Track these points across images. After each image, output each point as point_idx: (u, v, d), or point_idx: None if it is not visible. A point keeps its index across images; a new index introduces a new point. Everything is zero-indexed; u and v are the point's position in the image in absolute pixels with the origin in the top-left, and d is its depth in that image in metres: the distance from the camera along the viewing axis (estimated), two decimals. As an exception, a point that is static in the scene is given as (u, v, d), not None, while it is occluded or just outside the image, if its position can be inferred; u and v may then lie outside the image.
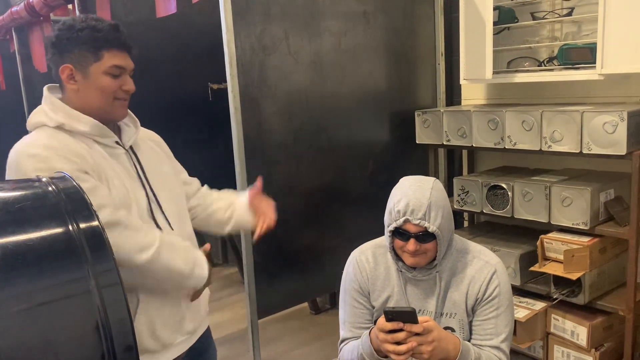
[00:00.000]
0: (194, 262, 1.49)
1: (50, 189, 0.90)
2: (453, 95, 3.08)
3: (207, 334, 1.72)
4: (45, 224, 0.84)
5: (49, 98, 1.45)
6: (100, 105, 1.43)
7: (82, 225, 0.85)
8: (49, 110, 1.43)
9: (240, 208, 1.76)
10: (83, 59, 1.40)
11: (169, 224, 1.52)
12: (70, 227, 0.84)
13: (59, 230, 0.84)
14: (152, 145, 1.62)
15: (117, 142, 1.47)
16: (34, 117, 1.45)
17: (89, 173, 1.36)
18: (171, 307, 1.51)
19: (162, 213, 1.51)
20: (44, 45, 1.43)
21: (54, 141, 1.37)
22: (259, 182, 1.78)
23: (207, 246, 1.57)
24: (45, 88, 1.48)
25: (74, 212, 0.86)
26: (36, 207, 0.87)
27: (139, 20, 2.89)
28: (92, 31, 1.39)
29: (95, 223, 0.86)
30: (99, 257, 0.83)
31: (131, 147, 1.51)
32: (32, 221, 0.84)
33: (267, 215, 1.74)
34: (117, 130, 1.51)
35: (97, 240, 0.84)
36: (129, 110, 1.54)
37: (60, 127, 1.40)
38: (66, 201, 0.87)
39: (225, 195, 1.80)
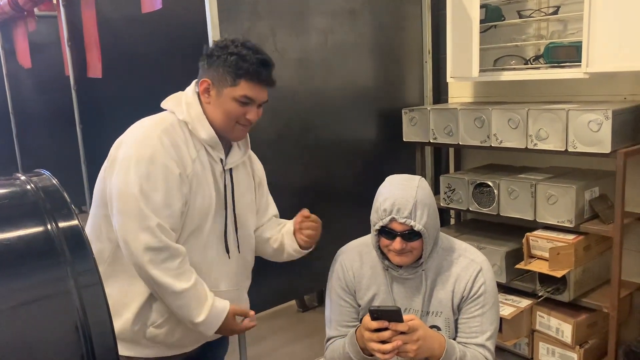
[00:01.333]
0: (208, 316, 1.51)
1: (28, 187, 0.89)
2: (440, 93, 3.09)
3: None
4: (24, 223, 0.83)
5: (193, 91, 1.56)
6: (222, 126, 1.53)
7: (62, 225, 0.83)
8: (186, 103, 1.53)
9: (287, 236, 1.79)
10: (222, 80, 1.50)
11: (238, 247, 1.64)
12: (49, 226, 0.82)
13: (37, 229, 0.82)
14: (248, 171, 1.71)
15: (221, 160, 1.56)
16: (172, 101, 1.56)
17: (184, 181, 1.47)
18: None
19: (235, 236, 1.62)
20: (25, 41, 1.48)
21: (169, 136, 1.47)
22: (303, 211, 1.80)
23: (247, 322, 1.65)
24: (194, 82, 1.59)
25: (53, 211, 0.84)
26: (14, 205, 0.86)
27: (124, 16, 2.86)
28: (239, 59, 1.48)
29: (75, 222, 0.84)
30: (79, 257, 0.81)
31: (230, 169, 1.60)
32: (10, 220, 0.82)
33: (304, 233, 1.76)
34: (228, 148, 1.61)
35: (77, 240, 0.83)
36: (246, 135, 1.65)
37: (183, 123, 1.51)
38: (45, 200, 0.86)
39: (281, 224, 1.84)
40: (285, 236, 1.76)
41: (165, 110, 1.56)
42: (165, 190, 1.43)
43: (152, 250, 1.41)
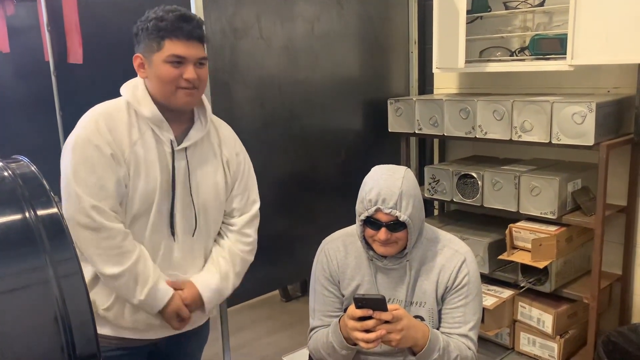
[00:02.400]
0: (147, 296, 1.49)
1: (6, 173, 0.86)
2: (425, 83, 3.08)
3: (201, 326, 1.74)
4: (1, 210, 0.80)
5: (139, 77, 1.53)
6: (163, 94, 1.49)
7: (40, 212, 0.81)
8: (133, 85, 1.52)
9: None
10: (149, 49, 1.47)
11: (194, 231, 1.58)
12: (27, 214, 0.80)
13: (15, 217, 0.80)
14: (216, 150, 1.63)
15: (171, 141, 1.51)
16: (125, 86, 1.54)
17: (121, 163, 1.45)
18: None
19: (194, 218, 1.57)
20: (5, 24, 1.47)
21: (109, 120, 1.46)
22: None
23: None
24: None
25: (32, 199, 0.82)
26: (-10, 192, 0.83)
27: (107, 1, 2.80)
28: (157, 21, 1.45)
29: (54, 210, 0.82)
30: (58, 246, 0.79)
31: (185, 148, 1.54)
32: (-14, 208, 0.80)
33: None
34: (189, 126, 1.55)
35: (56, 228, 0.81)
36: (206, 107, 1.59)
37: (128, 105, 1.49)
38: (23, 187, 0.83)
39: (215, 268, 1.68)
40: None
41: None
42: (99, 172, 1.42)
43: (88, 230, 1.41)
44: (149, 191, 1.48)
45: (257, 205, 1.76)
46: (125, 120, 1.48)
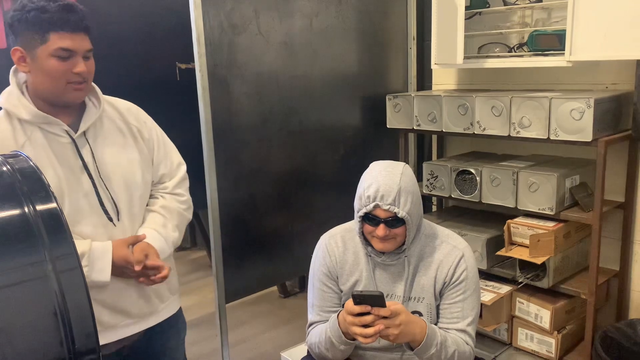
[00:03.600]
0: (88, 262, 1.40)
1: (4, 168, 0.86)
2: (424, 79, 3.08)
3: (170, 320, 1.68)
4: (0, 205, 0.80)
5: (11, 79, 1.44)
6: (51, 90, 1.41)
7: (39, 207, 0.81)
8: (6, 92, 1.42)
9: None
10: (31, 41, 1.37)
11: (118, 212, 1.50)
12: (26, 209, 0.80)
13: (14, 212, 0.80)
14: (120, 126, 1.56)
15: (66, 131, 1.44)
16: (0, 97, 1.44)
17: None
18: (111, 291, 1.48)
19: (112, 202, 1.49)
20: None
21: None
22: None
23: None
24: (12, 69, 1.46)
25: (30, 193, 0.82)
26: (-11, 187, 0.83)
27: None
28: (39, 12, 1.35)
29: (53, 205, 0.82)
30: (57, 241, 0.80)
31: (85, 132, 1.47)
32: (-15, 202, 0.80)
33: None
34: (82, 110, 1.48)
35: (55, 223, 0.81)
36: (96, 89, 1.51)
37: (7, 113, 1.40)
38: (22, 182, 0.84)
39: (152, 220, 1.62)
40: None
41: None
42: None
43: None
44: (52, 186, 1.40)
45: (184, 167, 1.70)
46: (7, 127, 1.39)
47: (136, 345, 1.60)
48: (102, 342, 1.47)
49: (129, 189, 1.53)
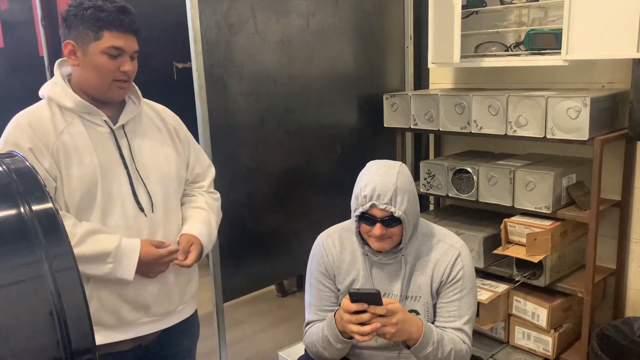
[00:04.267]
0: (107, 255, 1.42)
1: (0, 169, 0.86)
2: (421, 79, 3.09)
3: (187, 322, 1.70)
4: (-5, 205, 0.80)
5: (56, 71, 1.50)
6: (97, 85, 1.46)
7: (35, 207, 0.81)
8: (51, 83, 1.49)
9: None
10: (85, 37, 1.43)
11: (152, 204, 1.53)
12: (22, 209, 0.80)
13: (9, 212, 0.80)
14: (158, 124, 1.61)
15: (105, 121, 1.49)
16: (42, 88, 1.50)
17: (44, 155, 1.41)
18: (134, 286, 1.50)
19: (147, 194, 1.52)
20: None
21: (30, 116, 1.44)
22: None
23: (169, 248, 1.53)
24: (57, 62, 1.52)
25: (26, 193, 0.82)
26: (-15, 188, 0.83)
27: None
28: (96, 10, 1.41)
29: (49, 205, 0.82)
30: (53, 241, 0.79)
31: (123, 126, 1.52)
32: (-19, 203, 0.80)
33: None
34: (122, 106, 1.54)
35: (51, 223, 0.80)
36: (136, 88, 1.58)
37: (50, 101, 1.46)
38: (18, 182, 0.83)
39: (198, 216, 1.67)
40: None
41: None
42: None
43: None
44: (85, 175, 1.43)
45: (213, 168, 1.79)
46: (48, 114, 1.44)
47: (151, 346, 1.61)
48: (119, 338, 1.50)
49: (164, 182, 1.57)
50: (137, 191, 1.50)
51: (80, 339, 0.78)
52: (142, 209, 1.51)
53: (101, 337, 1.47)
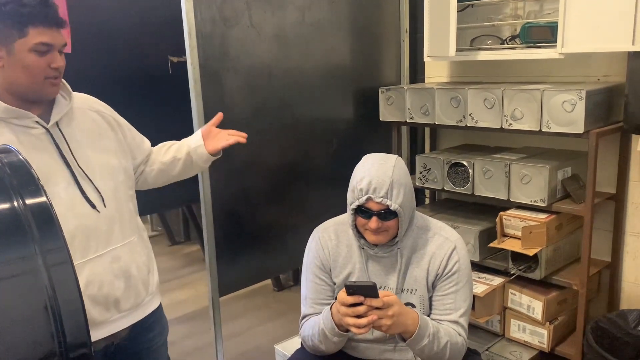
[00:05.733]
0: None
1: (-7, 162, 0.85)
2: (417, 72, 3.08)
3: (154, 316, 1.67)
4: (-12, 199, 0.80)
5: None
6: (28, 85, 1.38)
7: (29, 201, 0.80)
8: None
9: (195, 140, 1.74)
10: (8, 35, 1.33)
11: (103, 200, 1.48)
12: (16, 203, 0.80)
13: (3, 205, 0.79)
14: (93, 116, 1.55)
15: (37, 122, 1.41)
16: None
17: None
18: (101, 286, 1.47)
19: (95, 189, 1.47)
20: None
21: None
22: (216, 117, 1.80)
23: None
24: None
25: (20, 187, 0.81)
26: (-22, 181, 0.82)
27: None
28: (17, 5, 1.32)
29: (43, 199, 0.82)
30: (47, 235, 0.79)
31: (57, 123, 1.45)
32: (-27, 197, 0.79)
33: (229, 133, 1.77)
34: (51, 103, 1.46)
35: (45, 217, 0.80)
36: (63, 82, 1.49)
37: None
38: (11, 175, 0.83)
39: (172, 145, 1.78)
40: (190, 151, 1.73)
41: None
42: None
43: None
44: None
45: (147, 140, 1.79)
46: None
47: (122, 344, 1.58)
48: (93, 339, 1.49)
49: (110, 175, 1.53)
50: (84, 189, 1.45)
51: (75, 332, 0.77)
52: (93, 206, 1.46)
53: None
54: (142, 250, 1.60)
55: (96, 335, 1.49)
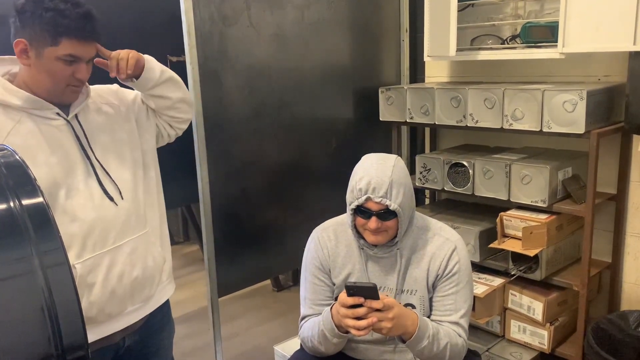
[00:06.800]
0: None
1: (-11, 162, 0.84)
2: (417, 72, 3.07)
3: (165, 309, 1.69)
4: (-17, 200, 0.79)
5: None
6: (50, 89, 1.39)
7: (25, 202, 0.79)
8: None
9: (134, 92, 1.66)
10: (41, 39, 1.34)
11: (120, 192, 1.49)
12: (12, 204, 0.79)
13: (-1, 206, 0.79)
14: (106, 109, 1.55)
15: (58, 114, 1.42)
16: None
17: None
18: (119, 274, 1.48)
19: (112, 182, 1.48)
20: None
21: None
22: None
23: None
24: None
25: (16, 187, 0.80)
26: (-27, 181, 0.81)
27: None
28: (57, 15, 1.32)
29: (40, 199, 0.81)
30: (44, 236, 0.78)
31: (76, 115, 1.46)
32: (-31, 197, 0.78)
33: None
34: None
35: (42, 218, 0.79)
36: None
37: None
38: (7, 175, 0.82)
39: None
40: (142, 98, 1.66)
41: None
42: None
43: None
44: (40, 177, 1.33)
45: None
46: None
47: (133, 345, 1.59)
48: (108, 333, 1.48)
49: (127, 168, 1.53)
50: (102, 181, 1.46)
51: (71, 335, 0.77)
52: (111, 199, 1.47)
53: (92, 335, 1.44)
54: (156, 240, 1.60)
55: (113, 327, 1.51)
